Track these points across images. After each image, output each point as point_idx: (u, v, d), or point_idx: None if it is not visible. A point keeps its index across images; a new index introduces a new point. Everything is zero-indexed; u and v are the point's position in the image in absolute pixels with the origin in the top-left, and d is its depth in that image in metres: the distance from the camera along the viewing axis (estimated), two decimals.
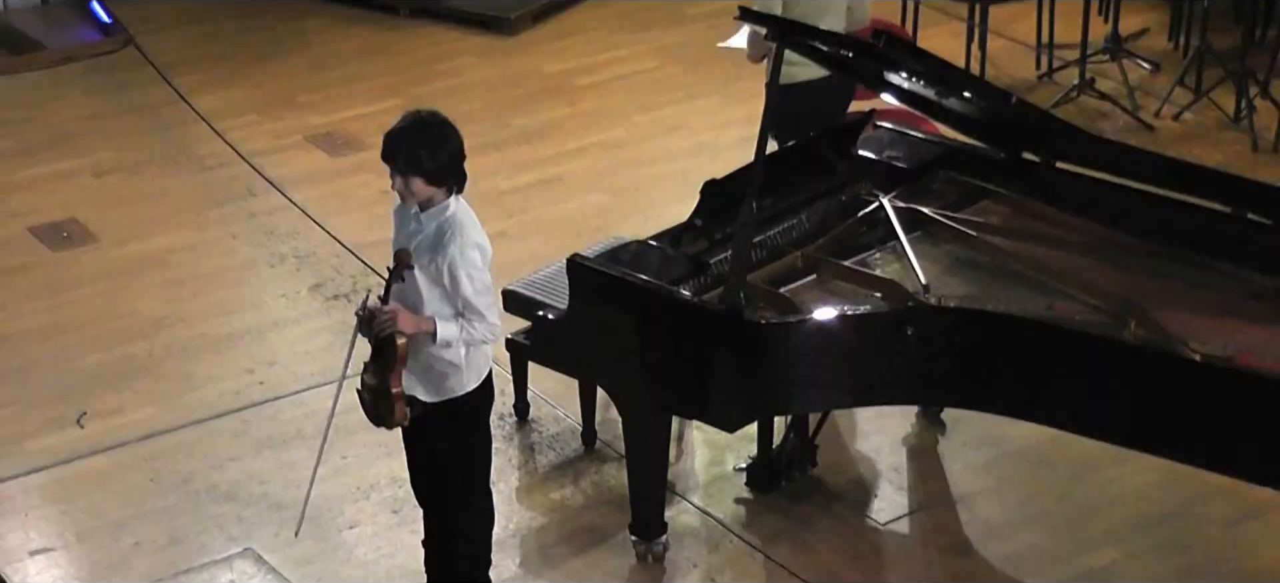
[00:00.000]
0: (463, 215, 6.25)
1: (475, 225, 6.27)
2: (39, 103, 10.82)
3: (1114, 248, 7.11)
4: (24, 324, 8.71)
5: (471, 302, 6.19)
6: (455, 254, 6.16)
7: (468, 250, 6.18)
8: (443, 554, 6.78)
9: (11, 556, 7.25)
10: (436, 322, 6.17)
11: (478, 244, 6.22)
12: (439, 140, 6.20)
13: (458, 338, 6.20)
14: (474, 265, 6.17)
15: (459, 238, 6.18)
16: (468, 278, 6.16)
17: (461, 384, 6.36)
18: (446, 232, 6.21)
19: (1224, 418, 6.27)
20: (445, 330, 6.18)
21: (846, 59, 7.36)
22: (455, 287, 6.17)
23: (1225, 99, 10.23)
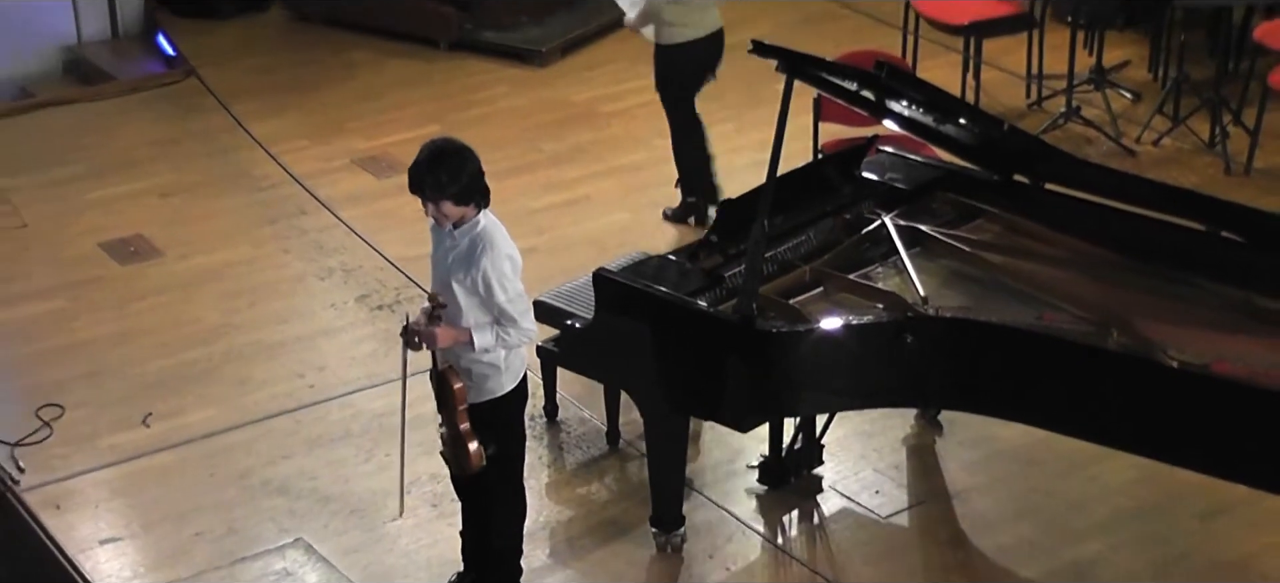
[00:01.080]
0: (492, 229, 6.25)
1: (505, 237, 6.28)
2: (109, 129, 10.85)
3: (1098, 263, 7.11)
4: (95, 332, 8.72)
5: (505, 309, 6.20)
6: (488, 265, 6.17)
7: (499, 261, 6.19)
8: (479, 544, 6.80)
9: (83, 544, 7.28)
10: (473, 332, 6.19)
11: (508, 255, 6.23)
12: (458, 164, 6.21)
13: (494, 344, 6.21)
14: (505, 275, 6.18)
15: (490, 251, 6.19)
16: (500, 287, 6.17)
17: (500, 385, 6.38)
18: (479, 245, 6.22)
19: (1199, 421, 6.27)
20: (482, 339, 6.19)
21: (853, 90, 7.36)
22: (490, 295, 6.18)
23: (1201, 126, 10.21)
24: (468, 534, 6.83)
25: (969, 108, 8.18)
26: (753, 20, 11.15)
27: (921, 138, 7.75)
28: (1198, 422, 6.28)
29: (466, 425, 6.28)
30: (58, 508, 7.49)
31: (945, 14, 10.75)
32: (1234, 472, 6.35)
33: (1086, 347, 6.52)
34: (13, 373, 8.41)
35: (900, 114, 7.43)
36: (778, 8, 12.18)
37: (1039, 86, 10.73)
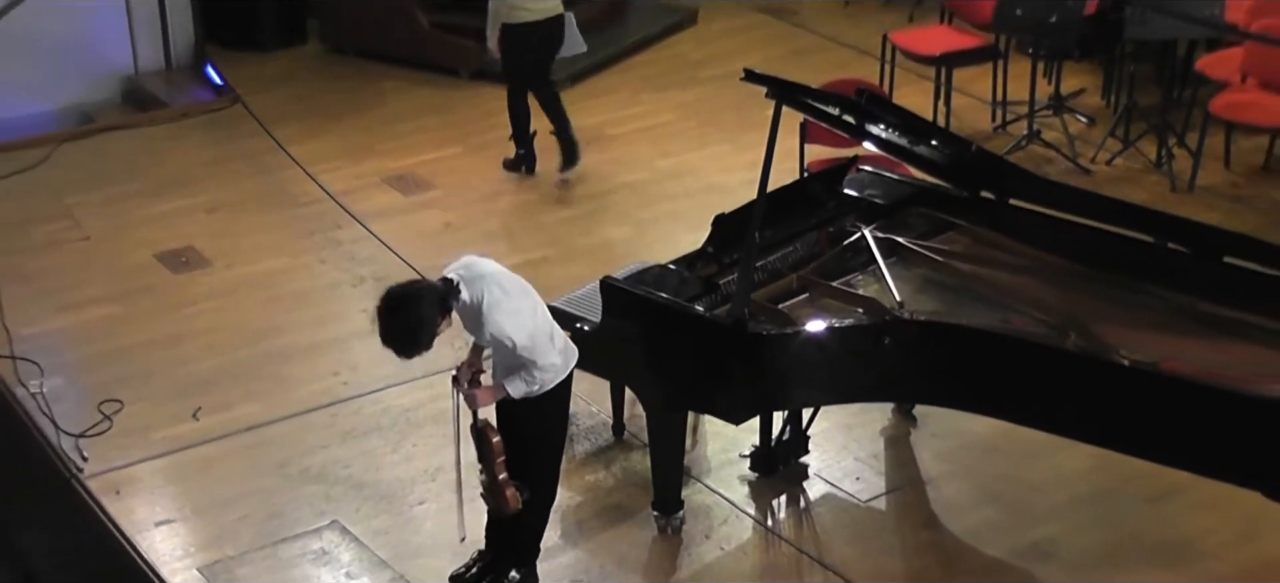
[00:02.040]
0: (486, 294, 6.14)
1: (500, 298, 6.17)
2: (162, 151, 10.85)
3: (1058, 272, 7.11)
4: (150, 335, 8.72)
5: (522, 356, 6.19)
6: (491, 330, 6.15)
7: (500, 321, 6.12)
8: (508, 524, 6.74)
9: (140, 526, 7.29)
10: (506, 385, 6.24)
11: (509, 313, 6.15)
12: (390, 320, 6.17)
13: (525, 389, 6.25)
14: (510, 330, 6.12)
15: (491, 315, 6.13)
16: (509, 340, 6.14)
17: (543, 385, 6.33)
18: (479, 313, 6.17)
19: (1148, 413, 6.28)
20: (514, 388, 6.26)
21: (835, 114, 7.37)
22: (504, 342, 6.16)
23: (1149, 148, 10.22)
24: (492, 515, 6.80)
25: (940, 131, 8.19)
26: (745, 52, 11.19)
27: (898, 158, 7.76)
28: (1147, 415, 6.29)
29: (504, 475, 6.34)
30: (118, 493, 7.50)
31: (919, 46, 10.78)
32: (1179, 460, 6.35)
33: (1047, 347, 6.53)
34: (77, 371, 8.41)
35: (878, 136, 7.43)
36: (768, 41, 12.20)
37: (1003, 112, 10.73)
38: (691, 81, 11.61)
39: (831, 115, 7.37)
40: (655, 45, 12.22)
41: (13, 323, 8.73)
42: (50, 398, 8.12)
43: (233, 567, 7.05)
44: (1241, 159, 10.14)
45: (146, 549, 7.17)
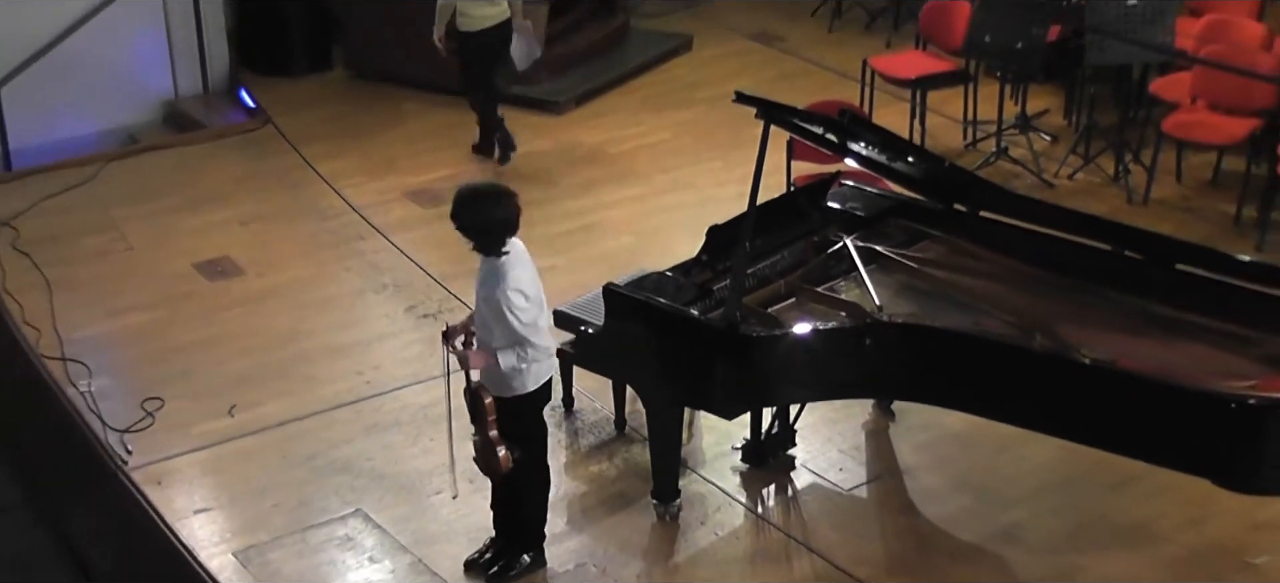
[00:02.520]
0: (511, 264, 6.24)
1: (521, 273, 6.25)
2: (200, 168, 10.85)
3: (1024, 278, 7.11)
4: (188, 337, 8.72)
5: (518, 331, 6.22)
6: (499, 295, 6.19)
7: (509, 292, 6.19)
8: (508, 515, 6.80)
9: (180, 514, 7.30)
10: (498, 354, 6.25)
11: (519, 289, 6.20)
12: (479, 210, 6.24)
13: (515, 362, 6.26)
14: (515, 305, 6.18)
15: (502, 282, 6.20)
16: (511, 313, 6.19)
17: (523, 386, 6.40)
18: (497, 276, 6.22)
19: (1106, 408, 6.29)
20: (505, 360, 6.27)
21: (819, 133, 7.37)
22: (501, 318, 6.19)
23: (1107, 163, 10.21)
24: (498, 507, 6.84)
25: (916, 148, 8.19)
26: (737, 76, 11.18)
27: (877, 173, 7.76)
28: (1106, 410, 6.30)
29: (495, 434, 6.33)
30: (159, 484, 7.51)
31: (896, 70, 10.78)
32: (1135, 450, 6.36)
33: (1015, 347, 6.54)
34: (121, 372, 8.41)
35: (859, 153, 7.43)
36: (757, 66, 12.19)
37: (974, 130, 10.73)
38: (687, 103, 11.61)
39: (816, 134, 7.38)
40: (654, 69, 12.22)
41: (63, 327, 8.75)
42: (98, 396, 8.13)
43: (265, 551, 7.05)
44: (1191, 174, 10.14)
45: (186, 536, 7.18)
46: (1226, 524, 6.97)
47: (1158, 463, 6.35)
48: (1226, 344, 6.57)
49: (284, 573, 6.93)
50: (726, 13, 13.24)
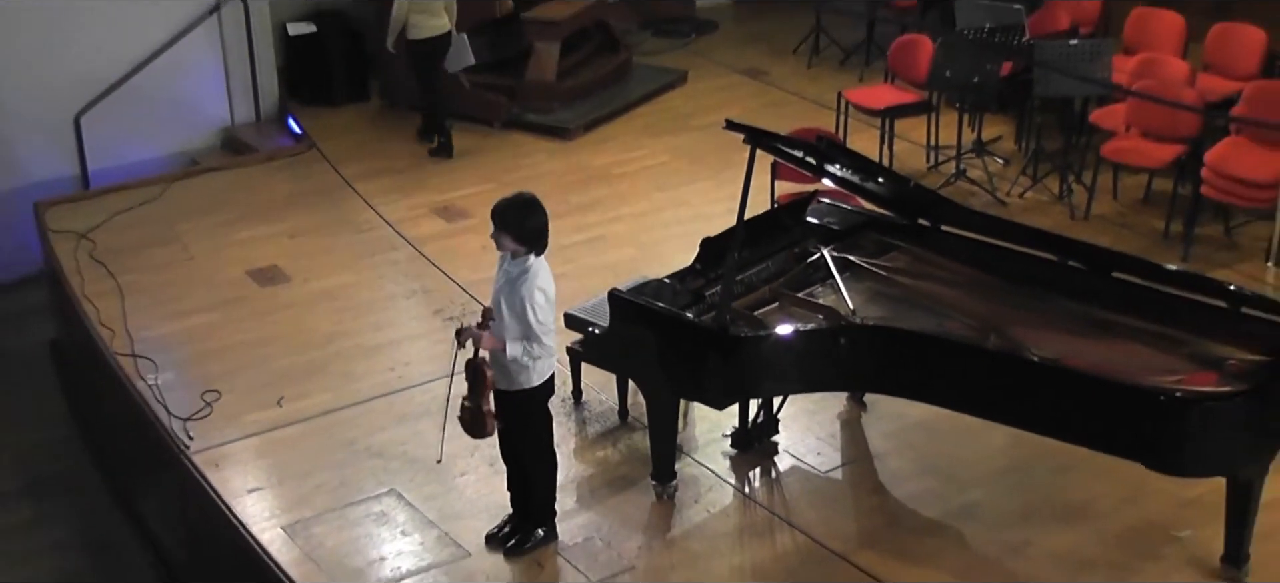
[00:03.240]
0: (537, 269, 6.27)
1: (546, 278, 6.30)
2: (252, 187, 10.85)
3: (981, 285, 7.12)
4: (241, 337, 8.72)
5: (533, 329, 6.24)
6: (525, 294, 6.20)
7: (535, 292, 6.21)
8: (522, 495, 6.80)
9: (234, 493, 7.30)
10: (507, 342, 6.25)
11: (542, 290, 6.24)
12: (528, 215, 6.27)
13: (521, 354, 6.27)
14: (538, 305, 6.21)
15: (530, 283, 6.21)
16: (531, 311, 6.21)
17: (528, 380, 6.40)
18: (524, 277, 6.23)
19: (1053, 400, 6.30)
20: (512, 349, 6.28)
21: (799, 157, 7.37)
22: (522, 315, 6.20)
23: (1053, 184, 10.21)
24: (513, 488, 6.84)
25: (885, 170, 8.18)
26: (727, 105, 11.16)
27: (851, 192, 7.75)
28: (1052, 401, 6.31)
29: (490, 405, 6.36)
30: (217, 466, 7.50)
31: (867, 101, 10.78)
32: (1078, 437, 6.37)
33: (973, 346, 6.54)
34: (183, 367, 8.40)
35: (835, 174, 7.44)
36: (745, 97, 12.17)
37: (936, 154, 10.72)
38: (682, 129, 11.60)
39: (797, 157, 7.39)
40: (653, 100, 12.22)
41: (133, 327, 8.75)
42: (163, 389, 8.13)
43: (310, 526, 7.05)
44: (1126, 193, 10.14)
45: (240, 512, 7.18)
46: (1157, 503, 6.97)
47: (1097, 449, 6.36)
48: (1156, 344, 6.57)
49: (327, 545, 6.92)
50: (717, 50, 13.25)
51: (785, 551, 6.87)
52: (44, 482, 8.89)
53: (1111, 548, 6.79)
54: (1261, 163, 9.07)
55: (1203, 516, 6.78)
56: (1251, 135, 9.29)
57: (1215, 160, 9.24)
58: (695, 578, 6.70)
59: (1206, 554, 6.65)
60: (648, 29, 13.56)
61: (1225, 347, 6.48)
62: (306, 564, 6.80)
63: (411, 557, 6.84)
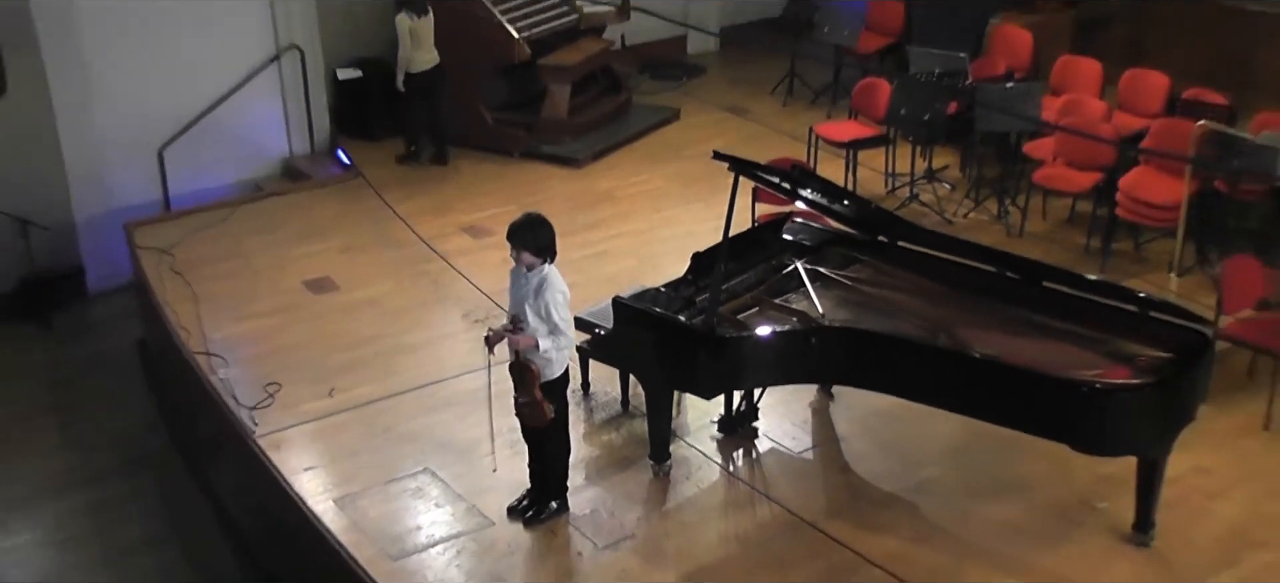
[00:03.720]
0: (553, 275, 6.28)
1: (561, 281, 6.32)
2: (307, 209, 10.84)
3: (931, 292, 7.13)
4: (298, 338, 8.73)
5: (557, 325, 6.25)
6: (548, 299, 6.22)
7: (556, 295, 6.24)
8: (540, 473, 6.80)
9: (292, 471, 7.32)
10: (538, 339, 6.27)
11: (562, 291, 6.27)
12: (540, 231, 6.27)
13: (551, 347, 6.28)
14: (559, 305, 6.24)
15: (550, 289, 6.23)
16: (555, 311, 6.23)
17: (552, 372, 6.41)
18: (544, 285, 6.25)
19: (993, 390, 6.31)
20: (543, 344, 6.28)
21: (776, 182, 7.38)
22: (549, 316, 6.21)
23: (992, 206, 10.20)
24: (533, 467, 6.84)
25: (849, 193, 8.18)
26: (714, 138, 11.13)
27: (821, 213, 7.76)
28: (992, 392, 6.32)
29: (540, 395, 6.35)
30: (277, 448, 7.52)
31: (834, 135, 10.78)
32: (1015, 423, 6.39)
33: (925, 345, 6.55)
34: (249, 363, 8.41)
35: (807, 198, 7.44)
36: (730, 131, 12.15)
37: (893, 180, 10.72)
38: (676, 158, 11.60)
39: (774, 183, 7.40)
40: (650, 133, 12.21)
41: (207, 329, 8.77)
42: (232, 382, 8.14)
43: (356, 499, 7.06)
44: (1053, 213, 10.14)
45: (297, 487, 7.20)
46: (1080, 478, 6.98)
47: (1030, 432, 6.38)
48: (1079, 342, 6.59)
49: (371, 516, 6.93)
50: (705, 91, 13.25)
51: (764, 520, 6.88)
52: (134, 461, 8.90)
53: (1042, 517, 6.81)
54: (1166, 188, 9.10)
55: (1117, 489, 6.79)
56: (1157, 165, 9.31)
57: (1128, 186, 9.25)
58: (687, 544, 6.71)
59: (1120, 522, 6.67)
60: (645, 73, 13.57)
61: (1136, 345, 6.51)
62: (354, 532, 6.82)
63: (443, 526, 6.86)
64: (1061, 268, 7.06)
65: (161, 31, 10.87)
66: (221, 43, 11.16)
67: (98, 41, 10.54)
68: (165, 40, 10.91)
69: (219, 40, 11.16)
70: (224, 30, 11.16)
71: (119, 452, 9.01)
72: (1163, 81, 10.29)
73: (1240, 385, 7.73)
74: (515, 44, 11.38)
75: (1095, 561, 6.51)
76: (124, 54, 10.72)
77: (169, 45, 10.94)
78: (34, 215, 10.29)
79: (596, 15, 12.24)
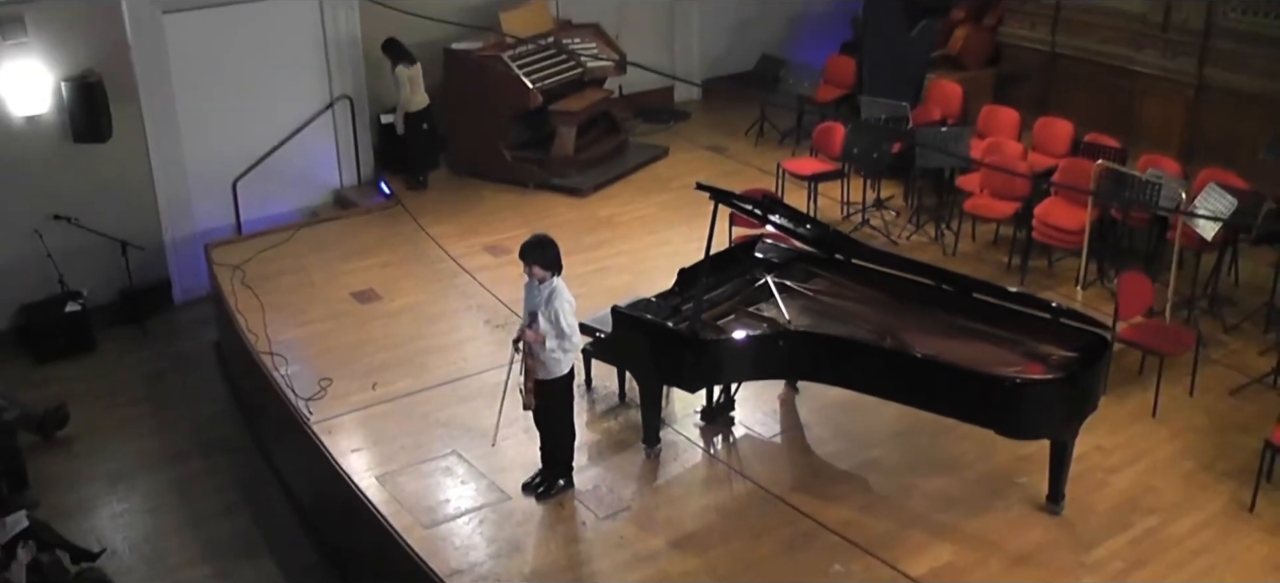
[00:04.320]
0: (561, 287, 6.24)
1: (567, 293, 6.28)
2: (355, 232, 10.78)
3: (879, 301, 7.11)
4: (347, 340, 8.67)
5: (565, 330, 6.19)
6: (557, 307, 6.17)
7: (563, 305, 6.19)
8: (549, 455, 6.75)
9: (342, 452, 7.28)
10: (548, 338, 6.25)
11: (569, 301, 6.22)
12: (547, 248, 6.23)
13: (557, 347, 6.25)
14: (566, 313, 6.19)
15: (558, 299, 6.19)
16: (563, 319, 6.17)
17: (561, 370, 6.35)
18: (553, 296, 6.20)
19: (931, 384, 6.29)
20: (550, 343, 6.24)
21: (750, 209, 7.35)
22: (557, 322, 6.16)
23: (930, 229, 10.17)
24: (543, 449, 6.79)
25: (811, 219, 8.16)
26: (697, 172, 11.08)
27: (787, 235, 7.73)
28: (930, 385, 6.31)
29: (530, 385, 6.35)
30: (329, 433, 7.47)
31: (798, 169, 10.74)
32: (949, 411, 6.39)
33: (874, 346, 6.51)
34: (306, 361, 8.35)
35: (775, 222, 7.41)
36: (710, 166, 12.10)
37: (847, 208, 10.68)
38: (665, 189, 11.56)
39: (748, 209, 7.39)
40: (643, 168, 12.16)
41: (271, 333, 8.71)
42: (292, 377, 8.08)
43: (395, 476, 7.01)
44: (981, 236, 10.10)
45: (346, 466, 7.15)
46: (1003, 458, 6.96)
47: (961, 419, 6.37)
48: (1002, 344, 6.58)
49: (408, 490, 6.88)
50: (689, 132, 13.21)
51: (739, 494, 6.84)
52: (211, 443, 8.83)
53: (972, 490, 6.77)
54: (1071, 215, 9.10)
55: (1034, 467, 6.77)
56: (1064, 196, 9.31)
57: (1041, 213, 9.24)
58: (675, 514, 6.67)
59: (1036, 494, 6.65)
60: (639, 117, 13.53)
61: (1048, 346, 6.49)
62: (393, 504, 6.77)
63: (468, 499, 6.80)
64: (987, 281, 7.05)
65: (237, 85, 10.89)
66: (285, 94, 11.14)
67: (185, 94, 10.61)
68: (239, 92, 10.93)
69: (283, 92, 11.14)
70: (287, 83, 11.14)
71: (199, 435, 8.95)
72: (1068, 127, 10.31)
73: (1132, 380, 7.71)
74: (530, 92, 11.34)
75: (1015, 526, 6.48)
76: (206, 104, 10.75)
77: (242, 96, 10.95)
78: (132, 238, 10.33)
79: (598, 69, 12.20)
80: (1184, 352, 7.60)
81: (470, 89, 11.34)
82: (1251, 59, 10.18)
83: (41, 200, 9.99)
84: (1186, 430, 7.25)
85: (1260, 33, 10.13)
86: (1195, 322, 8.29)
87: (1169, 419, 7.35)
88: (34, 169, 9.94)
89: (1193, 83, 10.58)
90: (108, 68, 10.04)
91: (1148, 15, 10.88)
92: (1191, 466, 6.93)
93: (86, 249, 10.17)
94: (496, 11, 11.70)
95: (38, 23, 9.70)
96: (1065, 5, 11.57)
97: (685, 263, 7.27)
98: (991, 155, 9.92)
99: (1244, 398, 7.54)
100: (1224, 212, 7.94)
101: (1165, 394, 7.46)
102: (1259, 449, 6.68)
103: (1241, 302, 8.64)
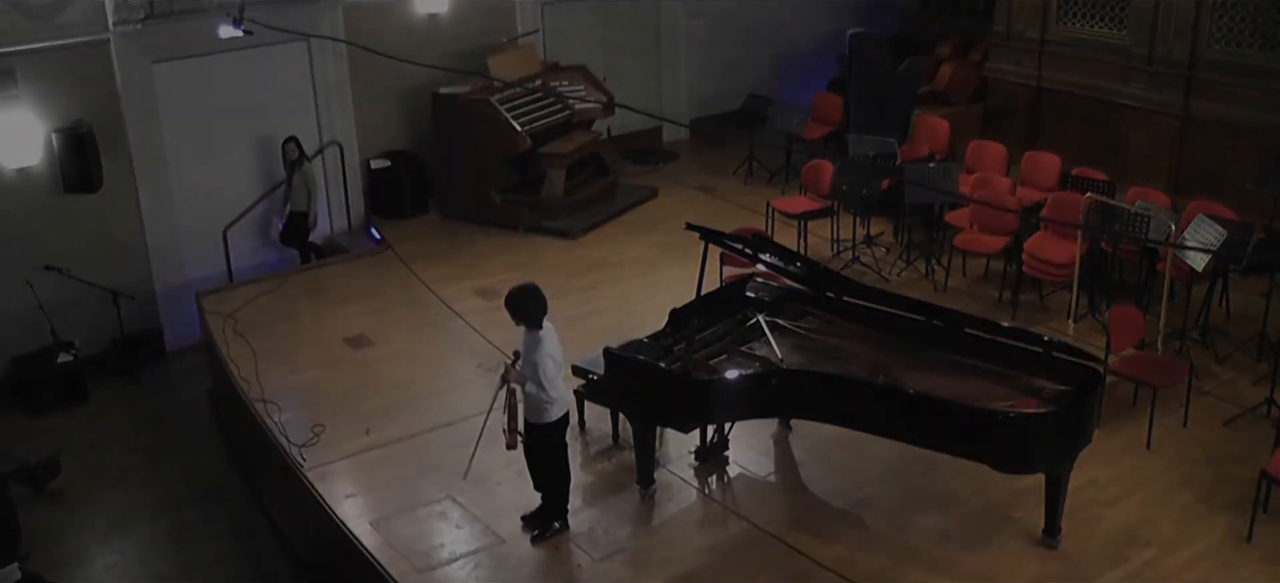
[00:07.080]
0: (547, 341, 6.27)
1: (551, 345, 6.30)
2: (347, 277, 10.81)
3: (871, 338, 7.15)
4: (340, 386, 8.68)
5: (543, 384, 6.24)
6: (537, 360, 6.22)
7: (544, 359, 6.25)
8: (544, 498, 6.76)
9: (335, 498, 7.28)
10: (529, 381, 6.32)
11: (551, 357, 6.26)
12: (523, 302, 6.28)
13: (535, 391, 6.34)
14: (546, 367, 6.24)
15: (539, 351, 6.23)
16: (541, 371, 6.22)
17: (550, 416, 6.39)
18: (536, 346, 6.24)
19: (924, 420, 6.31)
20: (530, 387, 6.34)
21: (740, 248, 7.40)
22: (534, 374, 6.22)
23: (921, 265, 10.24)
24: (538, 490, 6.80)
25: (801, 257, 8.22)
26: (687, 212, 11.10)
27: (777, 273, 7.79)
28: (924, 421, 6.33)
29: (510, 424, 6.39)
30: (323, 479, 7.48)
31: (788, 207, 10.83)
32: (942, 447, 6.41)
33: (867, 382, 6.56)
34: (298, 408, 8.36)
35: (766, 261, 7.47)
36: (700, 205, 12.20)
37: (837, 245, 10.77)
38: (655, 230, 11.63)
39: (738, 248, 7.43)
40: (634, 209, 12.24)
41: (263, 380, 8.72)
42: (285, 424, 8.09)
43: (390, 521, 7.02)
44: (971, 271, 10.19)
45: (340, 512, 7.15)
46: (997, 492, 6.99)
47: (955, 454, 6.40)
48: (994, 379, 6.63)
49: (402, 536, 6.89)
50: (680, 174, 13.31)
51: (735, 534, 6.86)
52: (204, 491, 8.82)
53: (966, 525, 6.80)
54: (1062, 249, 9.18)
55: (1029, 501, 6.81)
56: (1054, 230, 9.40)
57: (1031, 247, 9.32)
58: (670, 554, 6.69)
59: (1032, 528, 6.68)
60: (629, 158, 13.64)
61: (1041, 380, 6.54)
62: (388, 549, 6.78)
63: (463, 544, 6.82)
64: (979, 317, 7.10)
65: (226, 133, 10.96)
66: (275, 140, 11.20)
67: (176, 143, 10.67)
68: (229, 139, 10.98)
69: (273, 138, 11.20)
70: (278, 129, 11.21)
71: (192, 482, 8.95)
72: (1055, 161, 10.41)
73: (1126, 412, 7.77)
74: (519, 135, 11.44)
75: (1013, 560, 6.51)
76: (196, 153, 10.82)
77: (232, 143, 11.01)
78: (123, 287, 10.37)
79: (587, 111, 12.32)
80: (1177, 383, 7.67)
81: (459, 133, 11.44)
82: (1237, 90, 10.33)
83: (32, 251, 10.03)
84: (1181, 462, 7.31)
85: (1244, 63, 10.29)
86: (1187, 353, 8.36)
87: (1163, 451, 7.41)
88: (24, 220, 9.99)
89: (1179, 114, 10.72)
90: (98, 118, 10.12)
91: (1133, 48, 11.04)
92: (1187, 497, 6.98)
93: (78, 300, 10.21)
94: (484, 55, 11.83)
95: (28, 74, 9.78)
96: (1050, 40, 11.75)
97: (676, 304, 7.32)
98: (980, 190, 10.02)
99: (1238, 428, 7.61)
100: (1213, 242, 8.04)
101: (1159, 426, 7.52)
102: (1255, 480, 6.73)
103: (1233, 332, 8.74)
